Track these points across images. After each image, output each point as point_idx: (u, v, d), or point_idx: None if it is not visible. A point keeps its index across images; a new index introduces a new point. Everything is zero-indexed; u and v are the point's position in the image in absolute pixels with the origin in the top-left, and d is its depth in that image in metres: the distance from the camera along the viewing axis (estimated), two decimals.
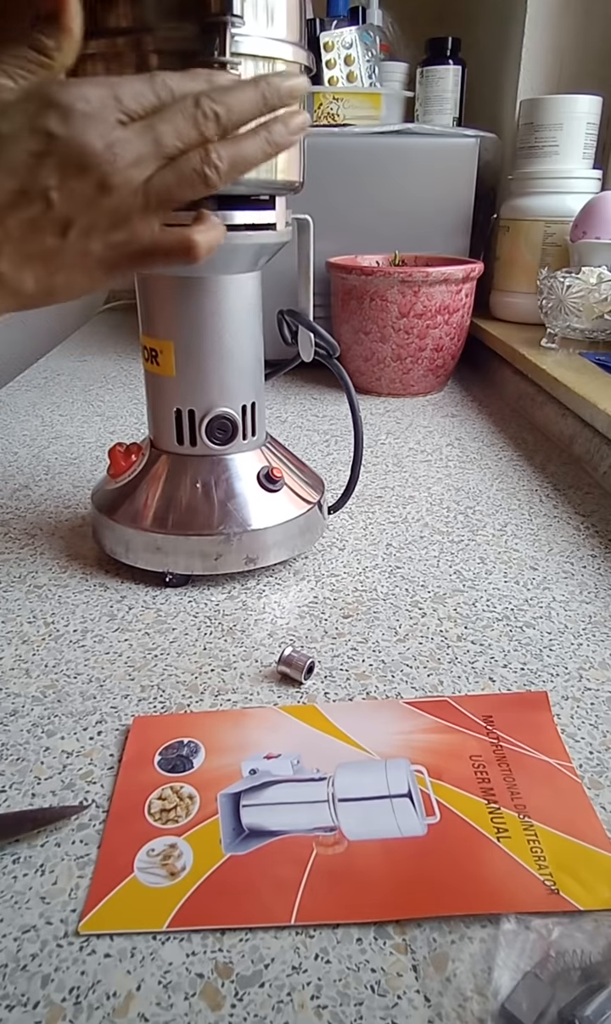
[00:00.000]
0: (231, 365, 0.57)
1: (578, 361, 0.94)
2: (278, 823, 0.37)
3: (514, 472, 0.83)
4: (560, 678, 0.49)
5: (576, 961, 0.30)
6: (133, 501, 0.59)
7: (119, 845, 0.36)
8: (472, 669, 0.50)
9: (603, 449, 0.80)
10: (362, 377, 1.10)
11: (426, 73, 1.26)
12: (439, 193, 1.15)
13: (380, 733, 0.43)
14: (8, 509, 0.73)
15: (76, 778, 0.41)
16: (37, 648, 0.52)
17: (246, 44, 0.45)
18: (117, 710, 0.46)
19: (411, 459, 0.87)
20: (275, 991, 0.30)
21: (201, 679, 0.49)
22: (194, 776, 0.40)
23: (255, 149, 0.38)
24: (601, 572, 0.62)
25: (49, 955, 0.31)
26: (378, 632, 0.54)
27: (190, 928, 0.32)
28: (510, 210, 1.15)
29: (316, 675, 0.49)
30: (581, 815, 0.38)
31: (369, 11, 1.26)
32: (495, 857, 0.36)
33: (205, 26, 0.42)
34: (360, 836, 0.37)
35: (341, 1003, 0.30)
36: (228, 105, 0.36)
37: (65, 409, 1.05)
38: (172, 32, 0.43)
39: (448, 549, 0.66)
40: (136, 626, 0.54)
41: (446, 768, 0.41)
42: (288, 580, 0.61)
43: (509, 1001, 0.29)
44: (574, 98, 1.07)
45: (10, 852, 0.36)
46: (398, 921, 0.33)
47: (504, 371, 1.11)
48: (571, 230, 1.05)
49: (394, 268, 1.05)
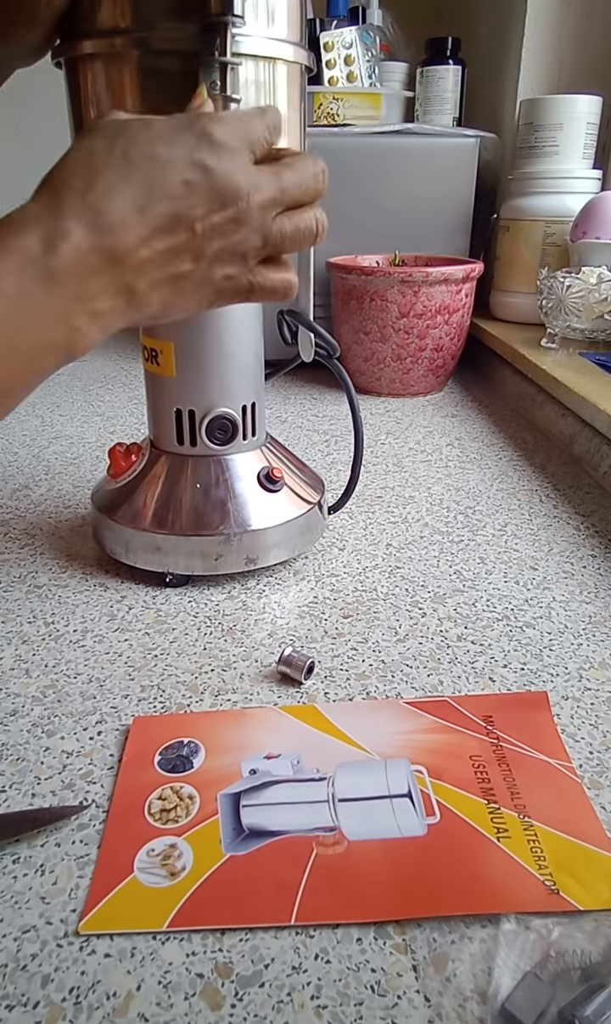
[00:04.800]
0: (231, 365, 0.57)
1: (578, 361, 0.94)
2: (278, 823, 0.37)
3: (514, 472, 0.83)
4: (560, 678, 0.49)
5: (576, 961, 0.30)
6: (133, 501, 0.59)
7: (119, 845, 0.36)
8: (472, 669, 0.50)
9: (603, 449, 0.80)
10: (362, 377, 1.10)
11: (426, 73, 1.26)
12: (439, 193, 1.15)
13: (380, 733, 0.43)
14: (8, 509, 0.73)
15: (76, 778, 0.41)
16: (37, 648, 0.52)
17: (247, 44, 0.45)
18: (117, 710, 0.46)
19: (411, 459, 0.87)
20: (275, 991, 0.30)
21: (201, 679, 0.49)
22: (194, 776, 0.40)
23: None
24: (601, 572, 0.62)
25: (49, 955, 0.31)
26: (378, 632, 0.54)
27: (190, 928, 0.32)
28: (510, 210, 1.15)
29: (316, 675, 0.49)
30: (581, 815, 0.38)
31: (369, 11, 1.26)
32: (495, 857, 0.36)
33: (206, 26, 0.42)
34: (360, 836, 0.37)
35: (341, 1003, 0.30)
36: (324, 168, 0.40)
37: (65, 409, 1.05)
38: (173, 32, 0.43)
39: (448, 549, 0.66)
40: (136, 626, 0.54)
41: (446, 768, 0.41)
42: (288, 580, 0.61)
43: (509, 1001, 0.29)
44: (574, 98, 1.07)
45: (10, 852, 0.36)
46: (398, 921, 0.33)
47: (504, 371, 1.11)
48: (571, 230, 1.05)
49: (394, 268, 1.05)
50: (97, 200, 0.34)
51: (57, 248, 0.33)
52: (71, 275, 0.34)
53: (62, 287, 0.34)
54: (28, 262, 0.33)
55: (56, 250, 0.33)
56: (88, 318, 0.35)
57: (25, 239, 0.33)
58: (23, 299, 0.33)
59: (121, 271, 0.35)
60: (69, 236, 0.34)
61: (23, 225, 0.34)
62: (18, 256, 0.33)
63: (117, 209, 0.34)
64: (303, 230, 0.40)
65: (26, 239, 0.33)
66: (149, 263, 0.36)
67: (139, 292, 0.36)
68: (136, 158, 0.35)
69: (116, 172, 0.35)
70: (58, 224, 0.34)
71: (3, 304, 0.32)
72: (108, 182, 0.35)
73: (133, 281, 0.36)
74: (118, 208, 0.35)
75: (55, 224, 0.34)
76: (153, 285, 0.36)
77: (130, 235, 0.35)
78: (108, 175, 0.35)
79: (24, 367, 0.35)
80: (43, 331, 0.34)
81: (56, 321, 0.34)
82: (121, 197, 0.35)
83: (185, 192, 0.36)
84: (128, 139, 0.36)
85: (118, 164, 0.35)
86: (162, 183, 0.35)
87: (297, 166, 0.39)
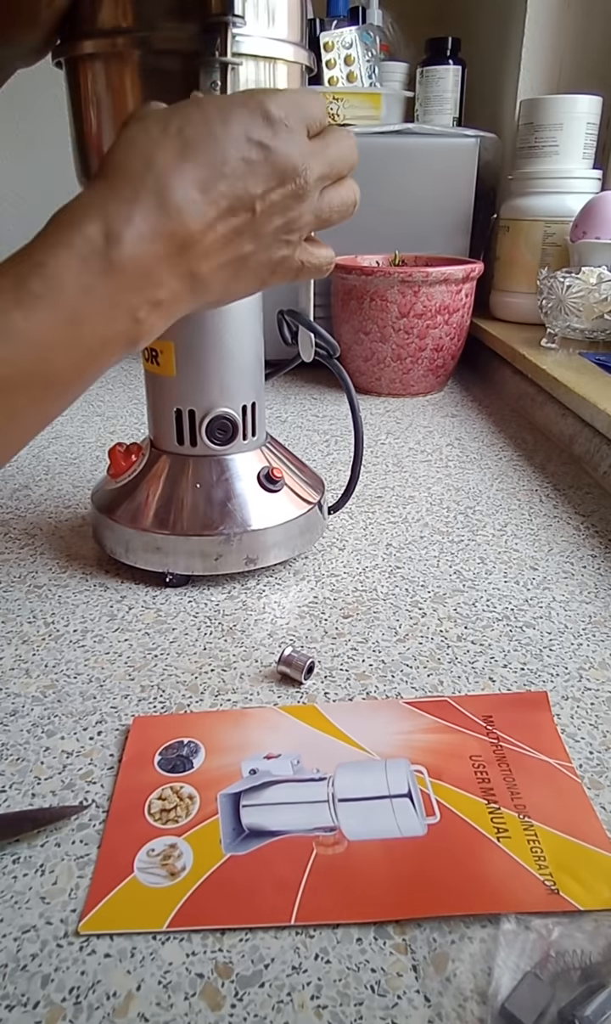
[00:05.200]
0: (231, 365, 0.57)
1: (578, 361, 0.94)
2: (278, 823, 0.37)
3: (514, 472, 0.83)
4: (560, 678, 0.49)
5: (576, 961, 0.30)
6: (133, 501, 0.59)
7: (119, 845, 0.36)
8: (472, 669, 0.50)
9: (603, 449, 0.80)
10: (362, 377, 1.10)
11: (426, 73, 1.25)
12: (439, 193, 1.15)
13: (380, 733, 0.43)
14: (8, 509, 0.73)
15: (76, 778, 0.41)
16: (37, 648, 0.52)
17: (247, 44, 0.45)
18: (117, 710, 0.46)
19: (411, 459, 0.87)
20: (275, 991, 0.30)
21: (201, 679, 0.49)
22: (194, 776, 0.40)
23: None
24: (601, 572, 0.62)
25: (49, 955, 0.31)
26: (378, 632, 0.54)
27: (190, 928, 0.32)
28: (510, 210, 1.15)
29: (316, 675, 0.49)
30: (581, 815, 0.38)
31: (369, 11, 1.26)
32: (495, 857, 0.36)
33: (206, 26, 0.42)
34: (360, 836, 0.37)
35: (341, 1003, 0.30)
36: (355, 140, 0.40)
37: None
38: (173, 32, 0.43)
39: (448, 549, 0.66)
40: (136, 626, 0.54)
41: (446, 768, 0.41)
42: (288, 580, 0.61)
43: (509, 1001, 0.29)
44: (574, 98, 1.07)
45: (10, 852, 0.36)
46: (398, 921, 0.33)
47: (504, 371, 1.11)
48: (571, 230, 1.05)
49: (394, 268, 1.05)
50: (157, 181, 0.32)
51: (120, 236, 0.31)
52: (135, 265, 0.32)
53: (125, 278, 0.32)
54: (91, 253, 0.31)
55: (119, 238, 0.31)
56: (150, 308, 0.34)
57: (86, 228, 0.31)
58: (85, 293, 0.31)
59: (186, 257, 0.34)
60: (132, 221, 0.32)
61: (83, 214, 0.32)
62: (80, 247, 0.31)
63: (180, 189, 0.33)
64: (347, 202, 0.40)
65: (87, 228, 0.31)
66: (213, 247, 0.34)
67: (202, 278, 0.35)
68: (192, 136, 0.34)
69: (173, 151, 0.33)
70: (120, 209, 0.32)
71: (65, 299, 0.31)
72: (167, 161, 0.33)
73: (197, 266, 0.34)
74: (181, 188, 0.33)
75: (117, 209, 0.32)
76: (216, 269, 0.35)
77: (196, 218, 0.33)
78: (165, 154, 0.33)
79: (85, 361, 0.33)
80: (105, 324, 0.32)
81: (119, 314, 0.33)
82: (182, 177, 0.33)
83: (246, 170, 0.34)
84: (183, 117, 0.34)
85: (173, 143, 0.33)
86: (223, 161, 0.34)
87: (338, 138, 0.39)
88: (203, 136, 0.34)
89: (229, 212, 0.34)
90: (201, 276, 0.35)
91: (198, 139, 0.34)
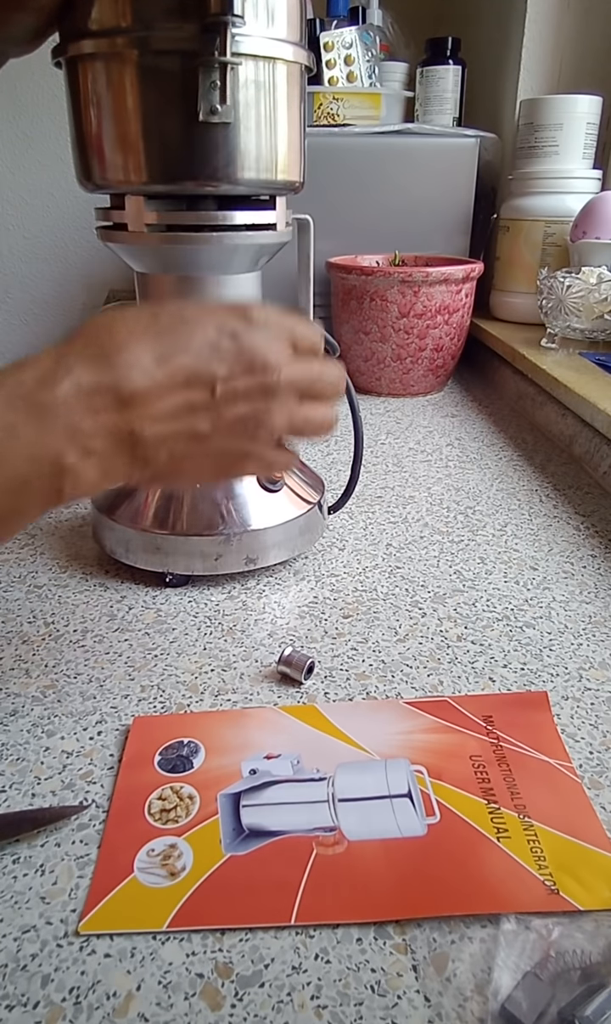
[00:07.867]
0: None
1: (578, 361, 0.94)
2: (278, 823, 0.37)
3: (514, 472, 0.83)
4: (560, 678, 0.49)
5: (576, 961, 0.30)
6: (133, 501, 0.59)
7: (119, 845, 0.36)
8: (472, 669, 0.50)
9: (603, 449, 0.80)
10: (362, 377, 1.10)
11: (426, 73, 1.26)
12: (439, 193, 1.15)
13: (380, 733, 0.43)
14: None
15: (76, 778, 0.41)
16: (37, 648, 0.52)
17: (246, 44, 0.45)
18: (117, 710, 0.46)
19: (411, 459, 0.87)
20: (275, 991, 0.30)
21: (201, 679, 0.49)
22: (194, 776, 0.40)
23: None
24: (601, 572, 0.62)
25: (49, 955, 0.31)
26: (378, 632, 0.54)
27: (190, 928, 0.32)
28: (510, 210, 1.15)
29: (316, 675, 0.49)
30: (581, 815, 0.38)
31: (369, 11, 1.26)
32: (495, 857, 0.36)
33: (206, 26, 0.42)
34: (360, 836, 0.37)
35: (341, 1003, 0.30)
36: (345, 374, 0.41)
37: None
38: (172, 32, 0.43)
39: (448, 549, 0.66)
40: (136, 626, 0.54)
41: (446, 768, 0.41)
42: (288, 580, 0.61)
43: (509, 1001, 0.29)
44: (574, 98, 1.07)
45: (10, 852, 0.36)
46: (398, 921, 0.33)
47: (504, 371, 1.11)
48: (571, 230, 1.05)
49: (394, 268, 1.05)
50: (111, 344, 0.34)
51: (55, 382, 0.32)
52: (66, 410, 0.32)
53: (52, 421, 0.32)
54: (17, 395, 0.32)
55: (53, 383, 0.32)
56: (81, 455, 0.33)
57: (23, 374, 0.33)
58: (7, 432, 0.32)
59: (126, 414, 0.34)
60: (72, 371, 0.33)
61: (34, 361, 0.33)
62: (10, 388, 0.32)
63: (133, 353, 0.34)
64: (322, 422, 0.40)
65: (24, 374, 0.33)
66: (162, 412, 0.35)
67: (144, 440, 0.35)
68: (165, 320, 0.35)
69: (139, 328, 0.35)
70: (67, 359, 0.33)
71: None
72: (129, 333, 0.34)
73: (140, 427, 0.34)
74: (135, 353, 0.34)
75: (63, 359, 0.33)
76: (162, 437, 0.35)
77: (141, 377, 0.34)
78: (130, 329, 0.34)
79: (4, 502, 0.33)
80: (26, 465, 0.32)
81: (42, 455, 0.32)
82: (139, 343, 0.34)
83: (211, 353, 0.35)
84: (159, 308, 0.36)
85: (143, 322, 0.35)
86: (188, 341, 0.35)
87: (327, 363, 0.39)
88: (175, 321, 0.35)
89: (184, 385, 0.35)
90: (143, 438, 0.35)
91: (169, 321, 0.35)
